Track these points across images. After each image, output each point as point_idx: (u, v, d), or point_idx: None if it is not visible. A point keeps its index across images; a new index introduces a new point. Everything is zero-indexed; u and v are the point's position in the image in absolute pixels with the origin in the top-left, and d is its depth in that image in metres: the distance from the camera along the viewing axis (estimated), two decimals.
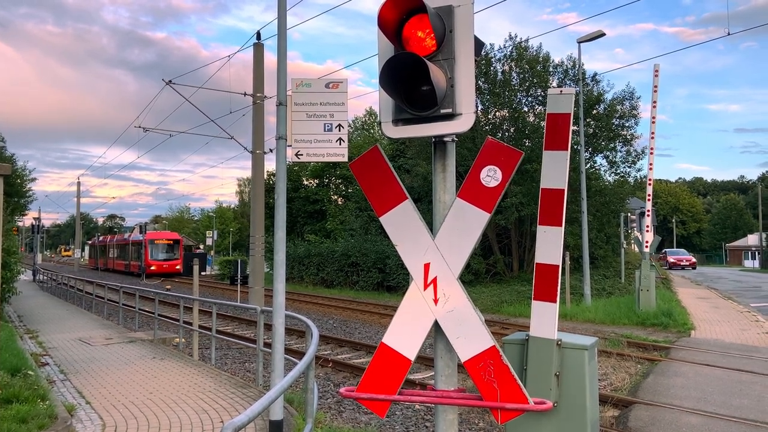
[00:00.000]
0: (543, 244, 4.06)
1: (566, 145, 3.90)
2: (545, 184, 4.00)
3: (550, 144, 3.96)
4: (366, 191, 3.36)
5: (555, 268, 4.05)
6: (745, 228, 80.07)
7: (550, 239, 4.01)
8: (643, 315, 16.15)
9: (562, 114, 3.89)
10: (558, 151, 3.94)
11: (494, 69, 26.68)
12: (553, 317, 4.29)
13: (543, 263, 4.09)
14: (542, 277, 4.12)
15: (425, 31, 3.05)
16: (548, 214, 3.98)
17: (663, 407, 7.56)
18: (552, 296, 4.12)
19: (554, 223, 3.97)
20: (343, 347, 13.44)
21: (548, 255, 4.06)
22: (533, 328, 4.40)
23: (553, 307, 4.16)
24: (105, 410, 7.11)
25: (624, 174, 27.02)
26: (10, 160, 33.89)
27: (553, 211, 3.97)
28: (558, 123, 3.91)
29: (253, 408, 2.89)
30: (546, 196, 3.97)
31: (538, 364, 4.62)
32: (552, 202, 3.97)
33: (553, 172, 3.98)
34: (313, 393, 5.23)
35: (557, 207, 3.96)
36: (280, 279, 5.79)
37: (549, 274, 4.08)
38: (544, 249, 4.07)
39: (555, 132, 3.93)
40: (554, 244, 4.02)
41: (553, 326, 4.35)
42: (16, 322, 16.34)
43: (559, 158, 3.95)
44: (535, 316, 4.33)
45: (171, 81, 20.31)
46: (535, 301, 4.24)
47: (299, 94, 5.61)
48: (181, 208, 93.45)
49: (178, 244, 49.05)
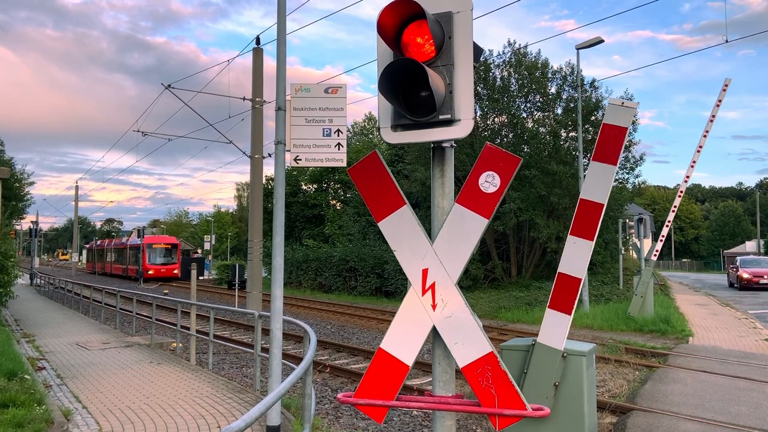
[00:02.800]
0: (570, 255, 3.95)
1: (615, 160, 3.70)
2: (585, 195, 3.84)
3: (600, 155, 3.77)
4: (364, 196, 3.36)
5: (577, 281, 3.95)
6: (743, 235, 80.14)
7: (578, 251, 3.91)
8: (641, 321, 16.14)
9: (618, 127, 3.68)
10: (606, 164, 3.75)
11: (493, 75, 26.76)
12: (564, 329, 4.25)
13: (566, 274, 3.98)
14: (562, 287, 4.02)
15: (424, 37, 3.06)
16: (582, 226, 3.85)
17: (661, 414, 7.55)
18: (568, 308, 4.05)
19: (586, 236, 3.83)
20: (341, 352, 13.41)
21: (573, 267, 3.95)
22: (542, 334, 4.37)
23: (567, 319, 4.11)
24: (101, 415, 7.08)
25: (622, 180, 27.06)
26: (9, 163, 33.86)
27: (588, 224, 3.83)
28: (612, 135, 3.71)
29: (250, 413, 2.89)
30: (583, 207, 3.83)
31: (540, 370, 4.61)
32: (588, 215, 3.82)
33: (596, 185, 3.81)
34: (310, 398, 5.22)
35: (593, 221, 3.81)
36: (278, 284, 5.79)
37: (570, 286, 3.97)
38: (570, 260, 3.97)
39: (607, 144, 3.74)
40: (581, 258, 3.91)
41: (563, 337, 4.32)
42: (13, 326, 16.28)
43: (605, 172, 3.76)
44: (546, 323, 4.28)
45: (170, 85, 20.35)
46: (549, 309, 4.18)
47: (298, 99, 5.62)
48: (180, 213, 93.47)
49: (176, 248, 48.97)
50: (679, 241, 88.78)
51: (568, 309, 4.05)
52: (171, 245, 48.88)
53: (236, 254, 65.29)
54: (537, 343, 4.47)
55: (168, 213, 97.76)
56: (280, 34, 6.02)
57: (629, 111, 3.65)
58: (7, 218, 22.17)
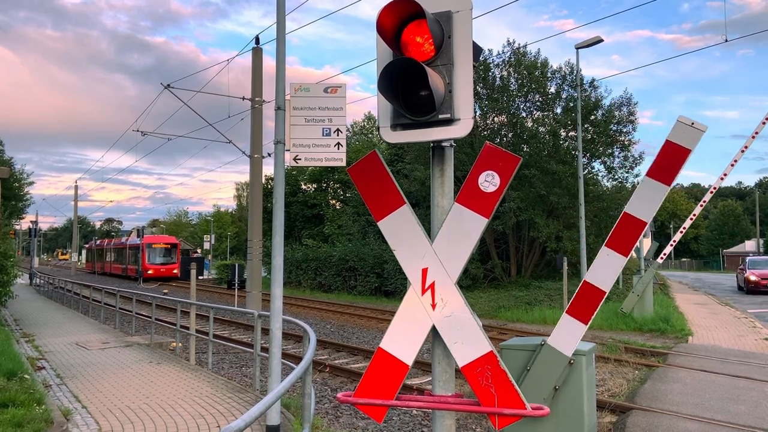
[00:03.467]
0: (600, 266, 3.88)
1: (671, 181, 3.55)
2: (630, 209, 3.72)
3: (655, 172, 3.61)
4: (364, 196, 3.36)
5: (601, 293, 3.87)
6: (742, 234, 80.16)
7: (609, 264, 3.84)
8: (640, 321, 16.15)
9: (682, 147, 3.47)
10: (659, 183, 3.59)
11: (493, 74, 26.78)
12: (577, 337, 4.24)
13: (592, 284, 3.93)
14: (585, 296, 3.98)
15: (424, 37, 3.06)
16: (619, 239, 3.77)
17: (660, 413, 7.55)
18: (586, 318, 4.01)
19: (621, 251, 3.76)
20: (341, 352, 13.41)
21: (600, 278, 3.89)
22: (554, 337, 4.36)
23: (582, 328, 4.08)
24: (101, 414, 7.08)
25: (622, 179, 27.09)
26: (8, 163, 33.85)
27: (626, 239, 3.75)
28: (673, 154, 3.50)
29: (250, 413, 2.88)
30: (625, 221, 3.72)
31: (543, 371, 4.62)
32: (629, 231, 3.73)
33: (645, 202, 3.68)
34: (310, 398, 5.21)
35: (632, 237, 3.73)
36: (278, 283, 5.78)
37: (593, 296, 3.91)
38: (599, 271, 3.90)
39: (666, 162, 3.56)
40: (611, 271, 3.84)
41: (573, 345, 4.32)
42: (12, 326, 16.28)
43: (656, 191, 3.61)
44: (560, 328, 4.26)
45: (170, 85, 20.34)
46: (567, 315, 4.14)
47: (298, 98, 5.62)
48: (179, 212, 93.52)
49: (175, 248, 48.95)
50: (679, 240, 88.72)
51: (585, 318, 4.01)
52: (170, 245, 48.86)
53: (236, 254, 65.30)
54: (546, 344, 4.47)
55: (167, 213, 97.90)
56: (279, 33, 6.01)
57: (697, 133, 3.42)
58: (7, 218, 22.15)
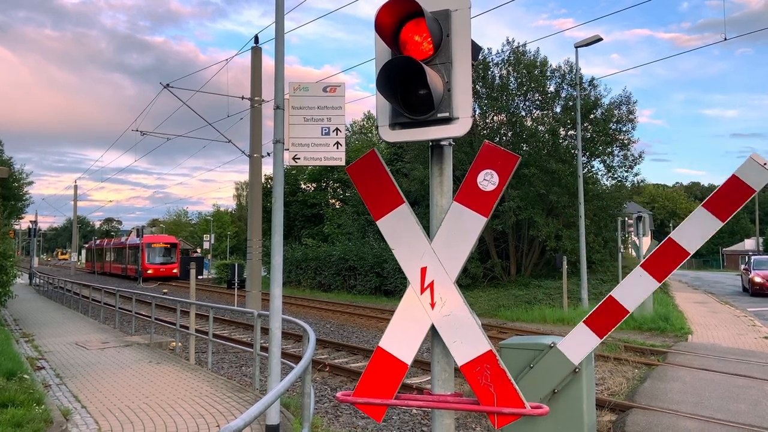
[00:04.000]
0: (629, 285, 3.85)
1: (726, 217, 3.44)
2: (677, 236, 3.63)
3: (712, 205, 3.49)
4: (363, 195, 3.35)
5: (624, 312, 3.83)
6: (741, 233, 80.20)
7: (640, 285, 3.80)
8: (640, 319, 16.16)
9: (747, 186, 3.34)
10: (714, 217, 3.47)
11: (492, 73, 26.76)
12: (588, 349, 4.24)
13: (617, 301, 3.90)
14: (607, 311, 3.95)
15: (422, 35, 3.05)
16: (657, 264, 3.71)
17: (660, 412, 7.56)
18: (603, 333, 3.98)
19: (655, 276, 3.71)
20: (341, 351, 13.41)
21: (627, 297, 3.87)
22: (565, 343, 4.35)
23: (596, 341, 4.06)
24: (101, 414, 7.07)
25: (621, 178, 27.08)
26: (8, 163, 33.83)
27: (665, 265, 3.69)
28: (736, 191, 3.38)
29: (250, 412, 2.88)
30: (668, 247, 3.65)
31: (546, 374, 4.62)
32: (669, 257, 3.66)
33: (694, 233, 3.57)
34: (309, 397, 5.21)
35: (670, 264, 3.67)
36: (277, 283, 5.78)
37: (616, 313, 3.90)
38: (628, 290, 3.87)
39: (726, 196, 3.44)
40: (641, 292, 3.82)
41: (583, 356, 4.33)
42: (12, 326, 16.27)
43: (709, 224, 3.49)
44: (574, 336, 4.25)
45: (169, 84, 20.32)
46: (583, 324, 4.11)
47: (297, 97, 5.61)
48: (179, 212, 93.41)
49: (175, 247, 48.94)
50: None
51: (601, 333, 3.98)
52: (170, 244, 48.85)
53: (235, 253, 65.26)
54: (555, 347, 4.47)
55: (167, 212, 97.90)
56: (278, 33, 6.01)
57: (766, 175, 3.28)
58: (6, 218, 22.13)
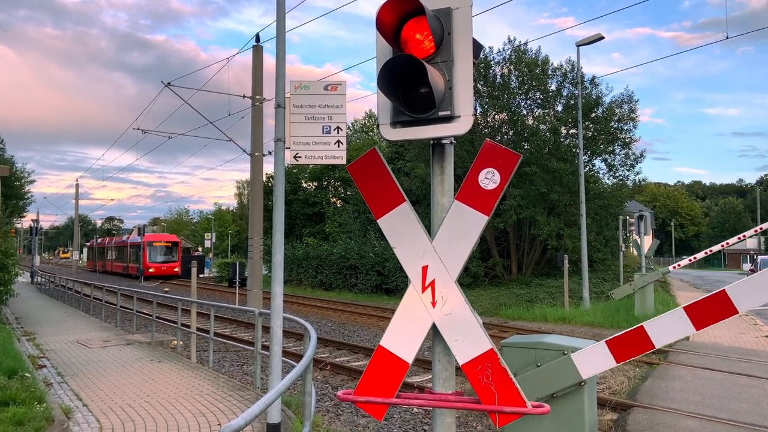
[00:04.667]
0: (665, 323, 3.84)
1: None
2: (731, 291, 3.62)
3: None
4: (364, 194, 3.35)
5: (650, 346, 3.86)
6: (743, 231, 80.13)
7: (676, 326, 3.79)
8: (641, 318, 16.14)
9: None
10: None
11: (493, 72, 26.72)
12: (602, 369, 4.27)
13: (647, 334, 3.88)
14: (633, 340, 3.93)
15: (423, 34, 3.04)
16: (702, 311, 3.70)
17: (661, 411, 7.55)
18: (621, 358, 3.96)
19: (695, 323, 3.69)
20: (342, 350, 13.41)
21: (658, 333, 3.86)
22: (580, 355, 4.36)
23: (611, 364, 4.07)
24: (102, 413, 7.08)
25: (622, 177, 27.05)
26: (9, 162, 33.86)
27: (708, 314, 3.67)
28: None
29: (251, 411, 2.88)
30: (718, 299, 3.64)
31: (551, 377, 4.62)
32: (715, 309, 3.64)
33: (752, 292, 3.59)
34: (310, 396, 5.21)
35: (714, 316, 3.65)
36: (279, 281, 5.78)
37: (641, 344, 3.89)
38: (661, 327, 3.86)
39: None
40: (673, 332, 3.81)
41: (593, 373, 4.35)
42: (13, 324, 16.29)
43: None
44: (592, 351, 4.24)
45: (170, 83, 20.31)
46: (605, 344, 4.09)
47: (298, 96, 5.61)
48: (180, 211, 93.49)
49: (176, 246, 48.96)
50: (680, 238, 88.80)
51: (620, 358, 3.96)
52: (171, 243, 48.87)
53: (237, 252, 65.30)
54: (569, 356, 4.48)
55: (168, 211, 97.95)
56: (279, 31, 6.00)
57: None
58: (8, 217, 22.16)
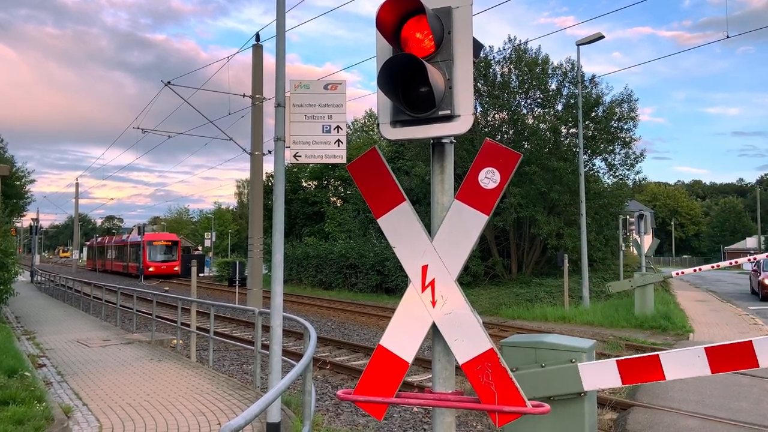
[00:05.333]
0: (681, 359, 3.82)
1: None
2: (758, 345, 3.65)
3: None
4: (364, 193, 3.34)
5: (661, 377, 3.86)
6: (743, 231, 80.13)
7: (692, 364, 3.77)
8: (641, 318, 16.15)
9: None
10: None
11: (493, 71, 26.70)
12: (606, 386, 4.27)
13: (660, 366, 3.86)
14: (644, 366, 3.93)
15: (424, 33, 3.04)
16: (722, 356, 3.70)
17: (661, 410, 7.55)
18: (627, 381, 3.99)
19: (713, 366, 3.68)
20: (342, 349, 13.42)
21: (672, 367, 3.85)
22: (587, 367, 4.36)
23: (617, 383, 4.11)
24: (102, 412, 7.08)
25: (622, 176, 27.05)
26: (10, 161, 33.88)
27: (727, 362, 3.67)
28: None
29: (251, 410, 2.88)
30: (743, 347, 3.66)
31: (552, 381, 4.63)
32: (737, 358, 3.65)
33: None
34: (310, 395, 5.21)
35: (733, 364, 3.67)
36: (278, 281, 5.77)
37: (651, 372, 3.89)
38: (676, 362, 3.84)
39: None
40: (688, 370, 3.79)
41: (597, 387, 4.36)
42: (13, 323, 16.30)
43: None
44: (599, 367, 4.26)
45: (170, 82, 20.30)
46: (614, 363, 4.14)
47: (298, 95, 5.60)
48: (180, 210, 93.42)
49: (176, 245, 48.97)
50: (680, 237, 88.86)
51: (627, 380, 3.97)
52: (171, 242, 48.88)
53: (237, 251, 65.25)
54: (576, 365, 4.50)
55: (168, 210, 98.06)
56: (279, 30, 5.99)
57: None
58: (8, 216, 22.15)
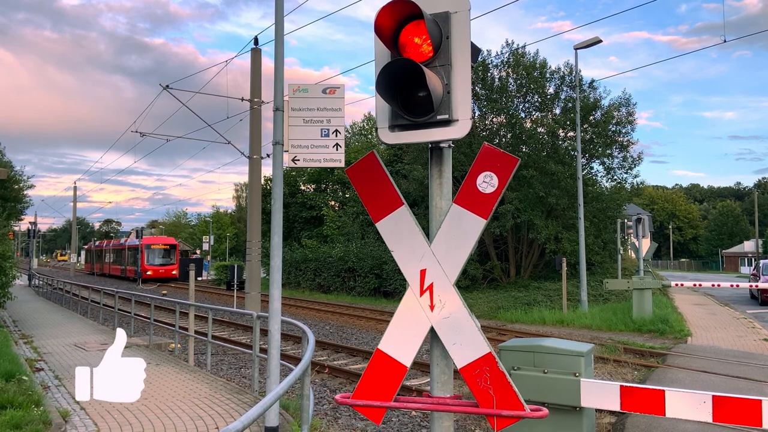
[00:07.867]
0: (686, 399, 3.90)
1: None
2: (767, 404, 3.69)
3: None
4: (362, 197, 3.35)
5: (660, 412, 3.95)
6: (741, 234, 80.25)
7: (695, 407, 3.85)
8: (639, 321, 16.16)
9: None
10: None
11: (491, 75, 26.75)
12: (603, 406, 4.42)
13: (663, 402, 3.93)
14: (648, 399, 3.99)
15: (422, 38, 3.05)
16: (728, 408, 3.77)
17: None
18: (627, 408, 4.09)
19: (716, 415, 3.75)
20: (340, 353, 13.40)
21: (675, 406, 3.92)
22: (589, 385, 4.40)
23: (616, 407, 4.19)
24: (99, 416, 7.06)
25: (620, 180, 27.09)
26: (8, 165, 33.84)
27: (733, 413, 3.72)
28: None
29: (248, 414, 2.87)
30: (751, 404, 3.71)
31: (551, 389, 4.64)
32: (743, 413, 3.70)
33: None
34: (308, 399, 5.20)
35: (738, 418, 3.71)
36: (277, 284, 5.77)
37: (652, 405, 3.97)
38: (682, 402, 3.91)
39: None
40: (689, 412, 3.88)
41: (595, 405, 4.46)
42: (11, 327, 16.24)
43: None
44: (602, 389, 4.31)
45: (168, 86, 20.29)
46: (619, 387, 4.19)
47: (296, 99, 5.61)
48: (178, 213, 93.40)
49: (174, 249, 48.87)
50: (678, 241, 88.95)
51: (627, 407, 4.07)
52: (169, 246, 48.78)
53: (235, 255, 65.13)
54: (579, 379, 4.51)
55: (166, 214, 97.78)
56: (277, 34, 6.01)
57: None
58: (5, 219, 22.10)
